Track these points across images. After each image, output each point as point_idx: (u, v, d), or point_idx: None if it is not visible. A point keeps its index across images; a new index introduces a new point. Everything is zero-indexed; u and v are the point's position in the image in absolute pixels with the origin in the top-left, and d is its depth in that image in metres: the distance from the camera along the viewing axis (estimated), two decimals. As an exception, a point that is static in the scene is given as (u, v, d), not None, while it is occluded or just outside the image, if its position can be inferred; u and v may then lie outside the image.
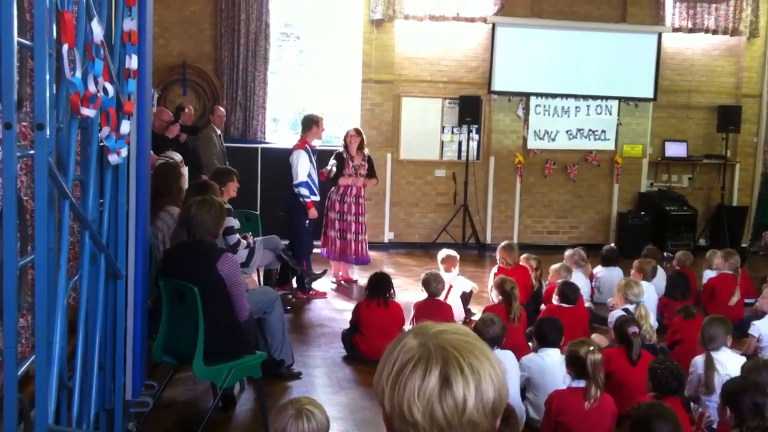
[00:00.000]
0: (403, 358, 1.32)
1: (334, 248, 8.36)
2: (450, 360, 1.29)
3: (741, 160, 12.13)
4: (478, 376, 1.29)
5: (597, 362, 3.96)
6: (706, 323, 4.87)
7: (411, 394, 1.28)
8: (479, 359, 1.31)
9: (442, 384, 1.27)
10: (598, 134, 11.52)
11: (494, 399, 1.30)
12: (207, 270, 4.28)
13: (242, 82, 10.55)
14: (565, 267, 7.20)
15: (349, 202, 8.33)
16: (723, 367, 4.57)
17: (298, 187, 7.79)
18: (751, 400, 3.43)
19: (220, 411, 4.68)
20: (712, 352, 4.69)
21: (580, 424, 3.90)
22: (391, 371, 1.33)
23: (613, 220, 11.68)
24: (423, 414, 1.27)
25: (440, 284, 6.26)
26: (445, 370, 1.28)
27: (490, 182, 11.29)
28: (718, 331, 4.74)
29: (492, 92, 11.06)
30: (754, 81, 12.05)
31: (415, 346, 1.33)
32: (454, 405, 1.27)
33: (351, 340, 6.09)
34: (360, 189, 8.41)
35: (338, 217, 8.32)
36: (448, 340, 1.33)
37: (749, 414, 3.41)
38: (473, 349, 1.32)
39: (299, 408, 2.75)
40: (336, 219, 8.33)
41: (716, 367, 4.56)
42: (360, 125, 10.80)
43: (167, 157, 7.07)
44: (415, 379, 1.29)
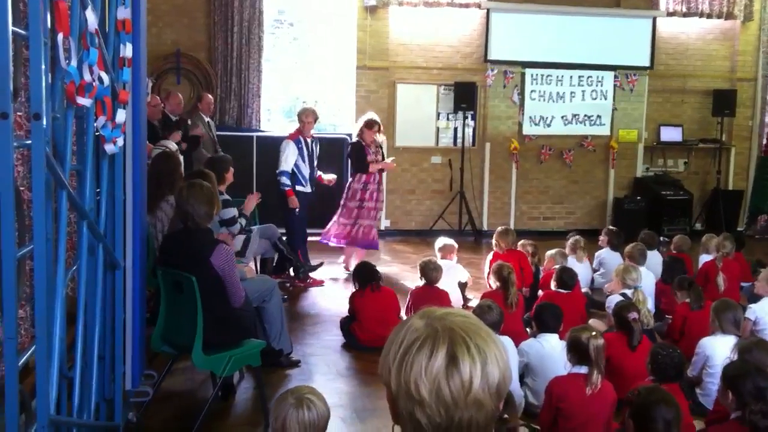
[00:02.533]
0: (410, 338, 1.34)
1: (344, 234, 8.34)
2: (457, 340, 1.32)
3: (736, 143, 12.15)
4: (485, 357, 1.31)
5: (599, 348, 3.95)
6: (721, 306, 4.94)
7: (418, 372, 1.30)
8: (485, 340, 1.33)
9: (449, 362, 1.30)
10: (594, 119, 11.51)
11: (499, 380, 1.32)
12: (202, 263, 4.26)
13: (236, 70, 10.50)
14: (561, 253, 7.21)
15: (372, 190, 8.32)
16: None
17: (279, 175, 7.80)
18: (753, 384, 3.44)
19: (220, 400, 4.68)
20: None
21: (581, 411, 3.90)
22: (398, 351, 1.35)
23: (609, 205, 11.69)
24: (430, 392, 1.30)
25: (438, 272, 6.26)
26: (453, 350, 1.30)
27: (486, 168, 11.28)
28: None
29: (488, 61, 11.02)
30: (748, 64, 12.04)
31: (422, 327, 1.35)
32: (460, 383, 1.29)
33: (349, 328, 6.10)
34: (381, 176, 8.46)
35: (358, 205, 8.28)
36: (454, 321, 1.35)
37: (751, 397, 3.41)
38: (479, 330, 1.35)
39: (299, 397, 2.75)
40: (355, 207, 8.28)
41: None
42: (355, 112, 10.81)
43: (162, 146, 7.04)
44: (422, 358, 1.31)
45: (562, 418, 3.95)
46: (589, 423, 3.91)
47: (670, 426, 3.06)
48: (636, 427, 3.18)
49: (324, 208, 8.87)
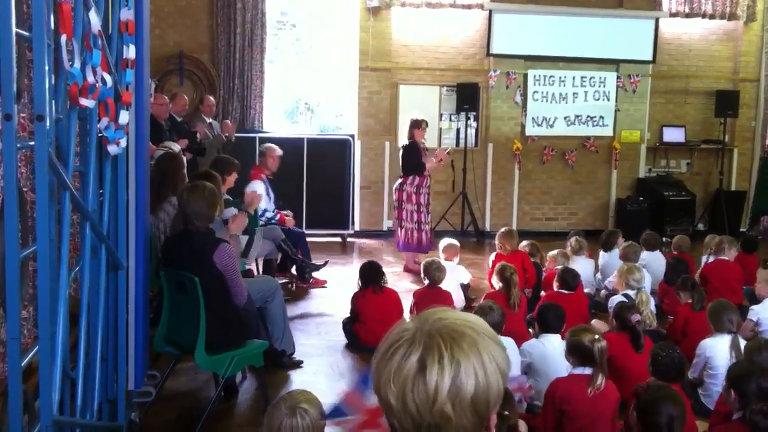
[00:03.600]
0: (393, 339, 1.30)
1: (413, 239, 8.42)
2: (432, 346, 1.25)
3: (739, 144, 12.13)
4: (457, 367, 1.23)
5: (604, 350, 3.95)
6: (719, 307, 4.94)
7: (388, 376, 1.26)
8: (464, 350, 1.25)
9: (417, 370, 1.24)
10: (596, 120, 11.50)
11: (474, 394, 1.24)
12: (204, 262, 4.27)
13: (239, 72, 10.51)
14: (563, 253, 7.22)
15: (425, 193, 8.41)
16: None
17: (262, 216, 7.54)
18: (757, 384, 3.44)
19: (223, 400, 4.69)
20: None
21: (587, 411, 3.89)
22: (381, 349, 1.31)
23: (612, 206, 11.68)
24: (396, 398, 1.25)
25: (441, 272, 6.26)
26: (423, 356, 1.24)
27: (488, 169, 11.28)
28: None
29: (490, 55, 11.02)
30: (751, 65, 12.03)
31: (409, 329, 1.30)
32: (425, 393, 1.23)
33: (351, 328, 6.10)
34: (430, 179, 8.52)
35: (416, 209, 8.36)
36: (441, 326, 1.28)
37: (754, 397, 3.42)
38: (463, 338, 1.26)
39: (293, 405, 2.75)
40: (413, 210, 8.36)
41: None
42: (357, 113, 10.83)
43: (166, 147, 7.05)
44: (395, 362, 1.26)
45: (567, 420, 3.94)
46: (595, 423, 3.91)
47: (673, 422, 3.06)
48: (640, 419, 3.18)
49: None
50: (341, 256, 9.61)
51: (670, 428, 3.06)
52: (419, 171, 8.34)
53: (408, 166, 8.40)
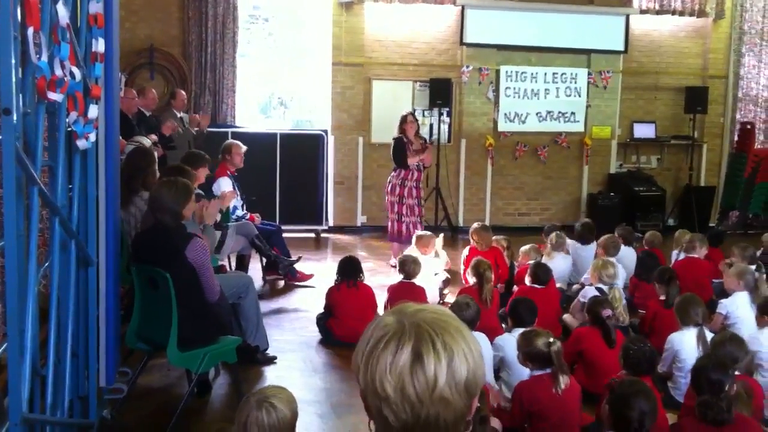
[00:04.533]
0: (378, 334, 1.34)
1: (394, 231, 8.57)
2: (423, 336, 1.30)
3: (708, 140, 12.29)
4: (451, 354, 1.30)
5: (560, 351, 3.99)
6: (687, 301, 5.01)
7: (383, 369, 1.30)
8: (453, 337, 1.32)
9: (413, 360, 1.28)
10: (568, 116, 11.59)
11: (467, 378, 1.31)
12: (176, 257, 4.25)
13: (211, 66, 10.43)
14: (535, 248, 7.26)
15: (410, 186, 8.54)
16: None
17: (233, 213, 7.44)
18: (707, 377, 3.49)
19: (196, 397, 4.66)
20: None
21: (555, 409, 3.93)
22: (365, 347, 1.34)
23: (584, 201, 11.78)
24: (394, 389, 1.29)
25: (417, 266, 6.28)
26: (417, 346, 1.29)
27: (461, 165, 11.32)
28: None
29: (464, 44, 11.04)
30: (720, 62, 12.19)
31: (391, 323, 1.34)
32: (425, 381, 1.28)
33: (325, 324, 6.10)
34: (420, 173, 8.64)
35: (397, 200, 8.52)
36: (423, 318, 1.34)
37: (705, 390, 3.47)
38: (448, 327, 1.33)
39: (261, 399, 2.75)
40: (395, 203, 8.54)
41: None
42: (331, 109, 10.80)
43: (137, 141, 6.99)
44: (388, 355, 1.30)
45: (536, 420, 3.97)
46: (564, 419, 3.95)
47: (644, 417, 3.10)
48: (612, 413, 3.21)
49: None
50: (315, 251, 9.60)
51: (641, 423, 3.09)
52: (403, 165, 8.51)
53: (394, 159, 8.61)
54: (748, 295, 5.71)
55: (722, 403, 3.41)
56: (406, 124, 8.59)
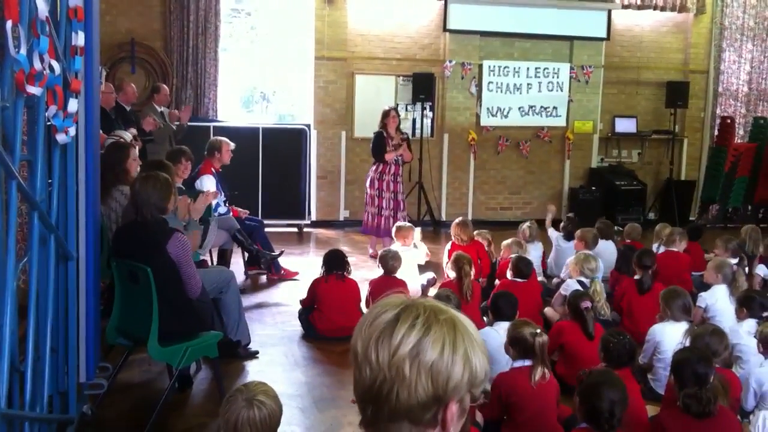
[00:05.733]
0: (386, 299, 1.35)
1: (373, 224, 8.72)
2: (411, 309, 1.29)
3: (689, 135, 12.39)
4: (426, 332, 1.26)
5: (544, 344, 4.03)
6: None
7: (361, 325, 1.31)
8: (439, 321, 1.28)
9: (389, 322, 1.28)
10: (550, 111, 11.63)
11: (434, 363, 1.25)
12: (157, 251, 4.24)
13: (192, 60, 10.37)
14: (517, 242, 7.29)
15: (387, 180, 8.69)
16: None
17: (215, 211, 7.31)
18: (692, 370, 3.53)
19: (177, 392, 4.65)
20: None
21: (532, 402, 3.97)
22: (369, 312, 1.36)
23: (565, 195, 11.84)
24: (362, 345, 1.29)
25: (396, 261, 6.29)
26: (400, 314, 1.28)
27: (444, 159, 11.34)
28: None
29: (447, 30, 11.05)
30: (701, 57, 12.28)
31: (402, 296, 1.35)
32: (388, 346, 1.26)
33: (308, 317, 6.10)
34: (398, 167, 8.77)
35: (376, 194, 8.67)
36: (427, 300, 1.35)
37: (690, 383, 3.51)
38: (441, 313, 1.30)
39: (250, 398, 2.76)
40: (375, 196, 8.69)
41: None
42: (314, 103, 10.78)
43: (117, 136, 6.94)
44: (372, 315, 1.31)
45: (514, 412, 4.00)
46: (541, 413, 3.98)
47: (614, 406, 3.13)
48: (582, 404, 3.24)
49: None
50: (298, 246, 9.59)
51: (611, 412, 3.12)
52: (380, 159, 8.63)
53: (372, 153, 8.76)
54: (726, 288, 5.77)
55: (707, 396, 3.45)
56: (388, 118, 8.66)
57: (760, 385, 4.28)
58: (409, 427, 1.29)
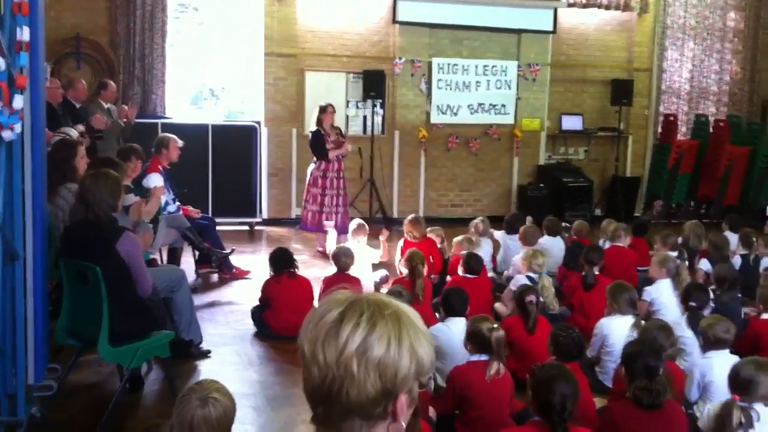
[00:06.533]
0: (330, 297, 1.35)
1: (314, 221, 8.76)
2: (355, 306, 1.30)
3: (633, 132, 12.63)
4: (372, 329, 1.27)
5: (500, 339, 4.09)
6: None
7: (306, 326, 1.32)
8: (385, 317, 1.29)
9: (335, 321, 1.29)
10: (498, 108, 11.75)
11: (382, 359, 1.27)
12: (107, 250, 4.19)
13: (139, 56, 10.21)
14: (468, 239, 7.37)
15: (332, 177, 8.74)
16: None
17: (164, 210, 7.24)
18: (644, 363, 3.62)
19: (128, 393, 4.59)
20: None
21: (486, 397, 4.02)
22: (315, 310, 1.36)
23: (514, 192, 11.98)
24: (309, 345, 1.30)
25: (349, 259, 6.31)
26: (345, 312, 1.29)
27: (395, 156, 11.38)
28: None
29: (396, 22, 11.07)
30: (644, 55, 12.53)
31: (344, 292, 1.36)
32: (335, 346, 1.27)
33: (261, 316, 6.07)
34: (340, 164, 8.83)
35: (320, 191, 8.69)
36: (371, 295, 1.35)
37: (641, 375, 3.60)
38: (386, 308, 1.31)
39: (204, 397, 2.74)
40: (318, 194, 8.70)
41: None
42: (264, 100, 10.71)
43: (63, 133, 6.80)
44: (318, 314, 1.31)
45: (468, 406, 4.05)
46: (494, 407, 4.03)
47: (566, 399, 3.19)
48: (534, 398, 3.30)
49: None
50: (249, 244, 9.53)
51: (563, 406, 3.18)
52: (323, 157, 8.65)
53: (314, 152, 8.73)
54: (670, 282, 5.93)
55: (657, 388, 3.54)
56: (326, 114, 8.70)
57: (703, 376, 4.41)
58: (361, 423, 1.31)
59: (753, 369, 3.60)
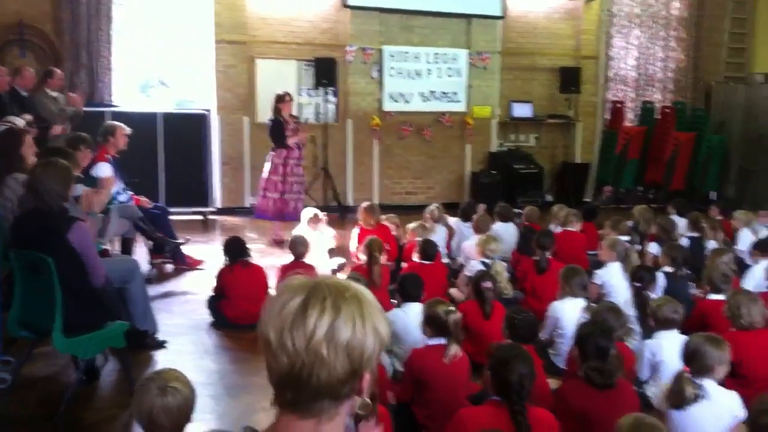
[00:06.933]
0: (282, 289, 1.39)
1: (275, 208, 8.73)
2: (317, 292, 1.34)
3: (583, 119, 12.81)
4: (337, 313, 1.32)
5: (457, 321, 4.15)
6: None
7: (269, 315, 1.35)
8: (347, 300, 1.35)
9: (299, 309, 1.32)
10: (450, 96, 11.83)
11: (349, 341, 1.33)
12: (58, 241, 4.13)
13: (85, 43, 10.01)
14: (422, 225, 7.42)
15: (292, 164, 8.75)
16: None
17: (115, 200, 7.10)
18: (595, 344, 3.71)
19: (84, 384, 4.54)
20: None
21: (443, 380, 4.07)
22: (269, 298, 1.39)
23: (467, 179, 12.08)
24: (275, 334, 1.33)
25: (305, 247, 6.32)
26: (308, 299, 1.33)
27: (349, 145, 11.37)
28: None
29: (347, 6, 11.05)
30: (591, 43, 12.71)
31: (299, 278, 1.40)
32: (303, 333, 1.31)
33: (217, 306, 6.05)
34: (301, 151, 8.91)
35: (281, 179, 8.68)
36: (329, 280, 1.39)
37: (592, 356, 3.69)
38: (345, 291, 1.37)
39: (162, 386, 2.74)
40: (279, 181, 8.68)
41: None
42: (215, 88, 10.60)
43: (8, 122, 6.66)
44: (279, 302, 1.35)
45: (426, 389, 4.10)
46: (451, 390, 4.09)
47: (524, 379, 3.25)
48: (493, 378, 3.33)
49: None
50: (203, 234, 9.45)
51: (521, 385, 3.24)
52: (283, 145, 8.64)
53: (274, 140, 8.73)
54: (620, 265, 6.06)
55: (608, 368, 3.63)
56: (284, 103, 8.73)
57: (653, 356, 4.54)
58: (330, 403, 1.37)
59: (701, 339, 3.72)
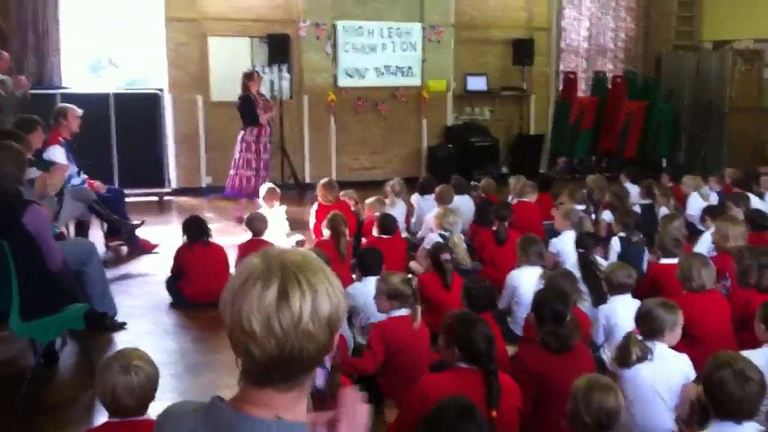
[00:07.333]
0: (245, 274, 1.42)
1: (249, 186, 8.76)
2: (289, 275, 1.40)
3: (536, 90, 12.90)
4: (315, 291, 1.40)
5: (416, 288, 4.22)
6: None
7: (251, 306, 1.38)
8: (316, 275, 1.42)
9: (280, 297, 1.38)
10: (405, 71, 11.82)
11: (330, 313, 1.42)
12: (14, 224, 4.09)
13: (32, 24, 9.78)
14: (379, 200, 7.48)
15: (264, 142, 8.89)
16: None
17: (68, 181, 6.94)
18: (551, 309, 3.80)
19: (43, 368, 4.52)
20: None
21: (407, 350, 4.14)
22: (233, 287, 1.42)
23: (424, 153, 12.10)
24: (261, 325, 1.37)
25: (263, 224, 6.32)
26: (284, 284, 1.39)
27: (305, 121, 11.32)
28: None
29: None
30: (543, 14, 12.77)
31: (258, 263, 1.43)
32: (290, 316, 1.37)
33: (175, 286, 6.03)
34: (271, 128, 9.10)
35: (255, 156, 8.78)
36: (288, 258, 1.44)
37: (548, 321, 3.78)
38: (311, 266, 1.44)
39: (125, 364, 2.76)
40: (252, 159, 8.78)
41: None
42: (167, 66, 10.46)
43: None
44: (255, 293, 1.38)
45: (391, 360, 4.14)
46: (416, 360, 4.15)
47: (491, 342, 3.32)
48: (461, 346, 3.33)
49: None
50: (159, 215, 9.37)
51: (489, 348, 3.31)
52: (255, 122, 8.73)
53: (244, 118, 8.80)
54: (574, 234, 6.18)
55: (564, 332, 3.72)
56: (252, 81, 8.79)
57: (608, 320, 4.66)
58: (311, 371, 1.47)
59: (654, 303, 3.84)
